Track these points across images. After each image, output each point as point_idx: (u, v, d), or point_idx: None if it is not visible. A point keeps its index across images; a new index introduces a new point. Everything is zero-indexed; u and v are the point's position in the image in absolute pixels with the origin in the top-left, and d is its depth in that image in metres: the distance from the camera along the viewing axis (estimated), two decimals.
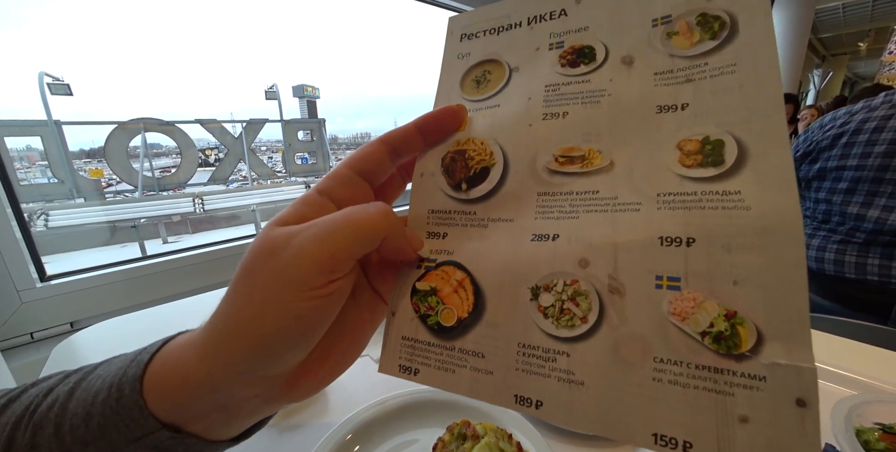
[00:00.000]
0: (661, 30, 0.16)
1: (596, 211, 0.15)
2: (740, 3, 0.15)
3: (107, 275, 0.73)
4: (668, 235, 0.14)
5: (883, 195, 0.79)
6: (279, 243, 0.14)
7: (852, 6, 5.17)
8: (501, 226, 0.17)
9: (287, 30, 53.57)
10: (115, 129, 3.87)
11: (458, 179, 0.18)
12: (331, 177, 0.17)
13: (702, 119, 0.15)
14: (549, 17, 0.19)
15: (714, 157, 0.14)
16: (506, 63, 0.19)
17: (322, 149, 4.92)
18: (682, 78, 0.15)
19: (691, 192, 0.14)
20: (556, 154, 0.17)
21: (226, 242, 0.90)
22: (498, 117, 0.18)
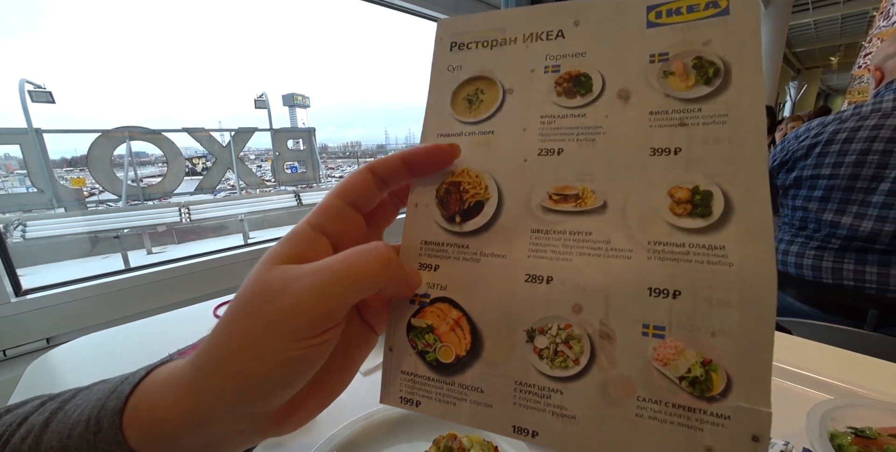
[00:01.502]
0: (658, 67, 0.16)
1: (589, 254, 0.16)
2: (734, 52, 0.15)
3: (86, 289, 0.71)
4: (657, 286, 0.15)
5: (855, 203, 0.82)
6: (276, 289, 0.14)
7: (823, 22, 5.42)
8: (495, 263, 0.17)
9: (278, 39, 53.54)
10: (99, 138, 3.80)
11: (453, 212, 0.18)
12: (322, 211, 0.17)
13: (693, 167, 0.15)
14: (546, 37, 0.18)
15: (703, 209, 0.15)
16: (499, 83, 0.19)
17: (312, 157, 4.90)
18: (677, 121, 0.16)
19: (680, 244, 0.15)
20: (551, 191, 0.17)
21: (211, 254, 0.89)
22: (493, 148, 0.18)
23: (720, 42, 0.16)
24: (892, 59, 0.87)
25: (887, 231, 0.78)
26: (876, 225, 0.78)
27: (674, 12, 0.16)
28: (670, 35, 0.16)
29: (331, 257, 0.15)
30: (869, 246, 0.81)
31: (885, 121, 0.80)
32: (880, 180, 0.79)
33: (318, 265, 0.15)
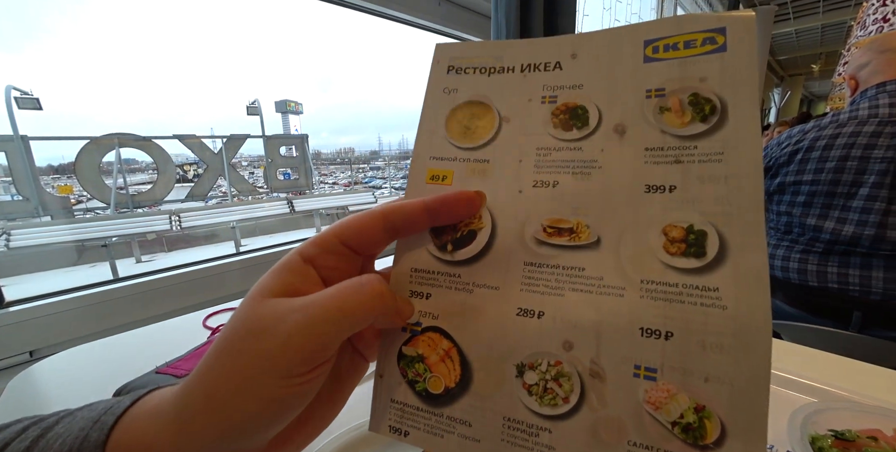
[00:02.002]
0: (654, 102, 0.16)
1: (581, 291, 0.16)
2: (730, 89, 0.15)
3: (71, 300, 0.70)
4: (649, 327, 0.15)
5: (836, 208, 0.84)
6: (266, 324, 0.14)
7: (804, 31, 5.58)
8: (487, 294, 0.17)
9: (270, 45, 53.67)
10: (88, 144, 3.76)
11: (445, 240, 0.18)
12: (317, 244, 0.17)
13: (688, 205, 0.15)
14: (544, 68, 0.18)
15: (697, 248, 0.15)
16: (496, 110, 0.19)
17: (305, 164, 4.88)
18: (672, 158, 0.16)
19: (673, 284, 0.15)
20: (545, 224, 0.17)
21: (201, 263, 0.88)
22: (488, 177, 0.18)
23: (717, 79, 0.15)
24: (866, 69, 0.90)
25: (867, 234, 0.80)
26: (857, 229, 0.80)
27: (671, 47, 0.16)
28: (667, 70, 0.16)
29: (322, 291, 0.15)
30: (851, 249, 0.83)
31: (862, 129, 0.82)
32: (859, 185, 0.81)
33: (310, 300, 0.15)
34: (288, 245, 1.04)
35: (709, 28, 0.16)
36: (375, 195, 4.65)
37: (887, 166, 0.78)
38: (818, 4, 4.57)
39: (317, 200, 4.48)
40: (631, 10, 2.39)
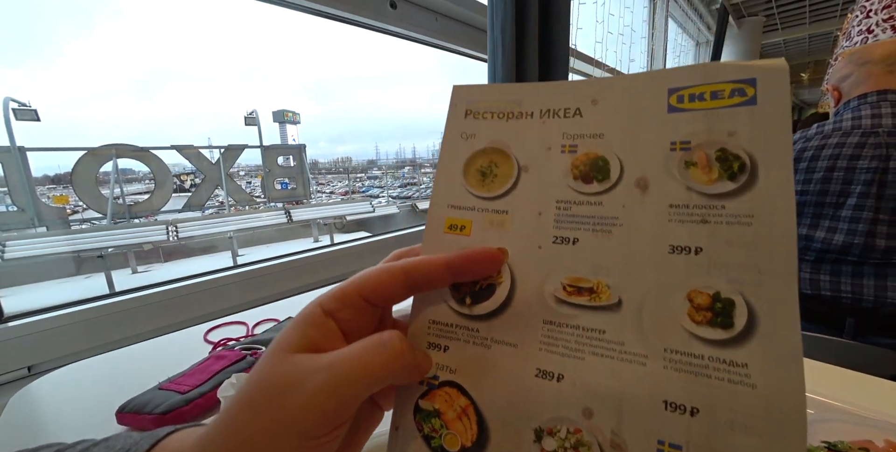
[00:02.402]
0: (679, 156, 0.16)
1: (602, 355, 0.15)
2: (761, 146, 0.14)
3: (70, 315, 0.70)
4: (673, 401, 0.14)
5: (826, 217, 0.86)
6: (289, 383, 0.14)
7: (793, 41, 5.72)
8: (505, 352, 0.17)
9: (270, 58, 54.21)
10: (85, 155, 3.76)
11: (464, 293, 0.18)
12: (338, 298, 0.17)
13: (715, 270, 0.14)
14: (564, 115, 0.18)
15: (724, 318, 0.14)
16: (514, 158, 0.18)
17: (303, 174, 4.90)
18: (698, 217, 0.15)
19: (699, 356, 0.14)
20: (565, 282, 0.16)
21: (200, 276, 0.88)
22: (507, 230, 0.18)
23: (746, 134, 0.15)
24: (848, 80, 0.93)
25: (857, 243, 0.81)
26: (847, 238, 0.82)
27: (696, 97, 0.15)
28: (693, 122, 0.15)
29: (344, 350, 0.15)
30: (842, 257, 0.84)
31: (847, 140, 0.85)
32: (847, 195, 0.83)
33: (333, 359, 0.15)
34: (287, 257, 1.05)
35: (737, 78, 0.15)
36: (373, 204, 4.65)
37: (872, 176, 0.80)
38: (804, 16, 4.69)
39: (314, 210, 4.48)
40: (623, 23, 2.44)
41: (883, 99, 0.84)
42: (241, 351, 0.49)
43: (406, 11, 1.13)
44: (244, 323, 0.64)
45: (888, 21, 1.39)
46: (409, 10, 1.15)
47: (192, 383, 0.43)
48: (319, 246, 1.15)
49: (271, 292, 0.97)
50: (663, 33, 3.26)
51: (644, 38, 3.00)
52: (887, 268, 0.80)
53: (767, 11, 4.46)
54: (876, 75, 0.87)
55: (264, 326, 0.63)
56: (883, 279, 0.80)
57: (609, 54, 2.25)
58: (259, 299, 0.94)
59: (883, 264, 0.80)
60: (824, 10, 4.54)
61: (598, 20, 2.14)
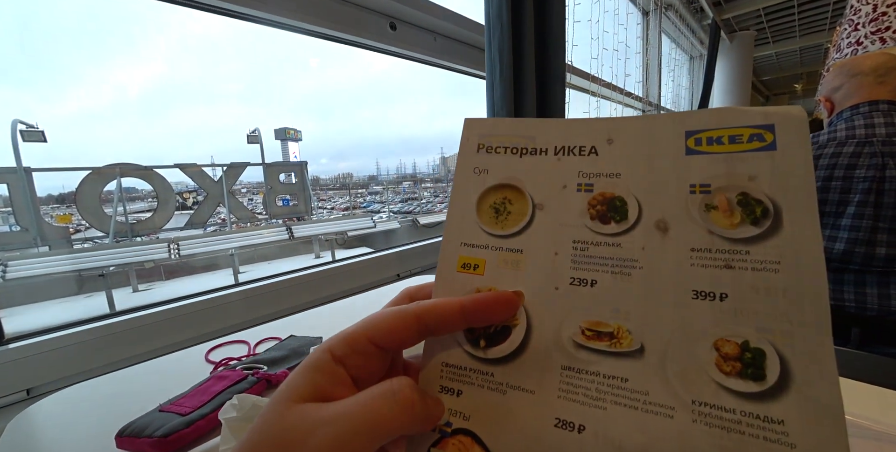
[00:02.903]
0: (699, 198, 0.15)
1: (625, 405, 0.14)
2: (784, 192, 0.14)
3: (69, 336, 0.69)
4: None
5: (826, 226, 0.86)
6: (294, 438, 0.14)
7: (784, 54, 5.84)
8: (522, 398, 0.16)
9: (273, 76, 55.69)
10: (90, 175, 3.81)
11: (478, 334, 0.17)
12: (348, 344, 0.16)
13: (742, 318, 0.14)
14: (579, 153, 0.18)
15: (754, 370, 0.13)
16: (529, 196, 0.18)
17: (304, 192, 4.94)
18: (722, 262, 0.15)
19: (730, 410, 0.13)
20: (584, 326, 0.16)
21: (201, 295, 0.88)
22: (522, 270, 0.17)
23: (767, 180, 0.15)
24: (839, 92, 0.94)
25: (858, 252, 0.81)
26: (847, 246, 0.82)
27: (714, 141, 0.15)
28: (712, 165, 0.15)
29: (351, 400, 0.15)
30: (844, 266, 0.84)
31: (842, 149, 0.86)
32: (846, 204, 0.83)
33: (340, 411, 0.14)
34: (289, 274, 1.05)
35: (756, 124, 0.15)
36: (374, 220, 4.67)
37: (870, 185, 0.80)
38: (794, 29, 4.80)
39: (315, 226, 4.50)
40: (618, 39, 2.51)
41: (875, 109, 0.86)
42: (242, 371, 0.49)
43: (405, 32, 1.17)
44: (246, 341, 0.63)
45: (876, 33, 1.43)
46: (409, 31, 1.18)
47: (193, 404, 0.42)
48: (321, 262, 1.15)
49: (273, 310, 0.97)
50: (657, 48, 3.34)
51: (638, 53, 3.07)
52: (889, 277, 0.79)
53: (758, 25, 4.57)
54: (867, 86, 0.88)
55: (266, 345, 0.62)
56: (886, 287, 0.79)
57: (605, 69, 2.30)
58: (261, 317, 0.93)
59: (885, 272, 0.80)
60: (813, 24, 4.65)
61: (592, 37, 2.20)
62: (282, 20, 0.93)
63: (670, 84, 3.80)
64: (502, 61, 1.07)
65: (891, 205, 0.79)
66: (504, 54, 1.07)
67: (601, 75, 2.25)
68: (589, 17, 2.13)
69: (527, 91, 1.13)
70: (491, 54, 1.09)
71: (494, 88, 1.09)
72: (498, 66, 1.08)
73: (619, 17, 2.52)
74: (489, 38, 1.08)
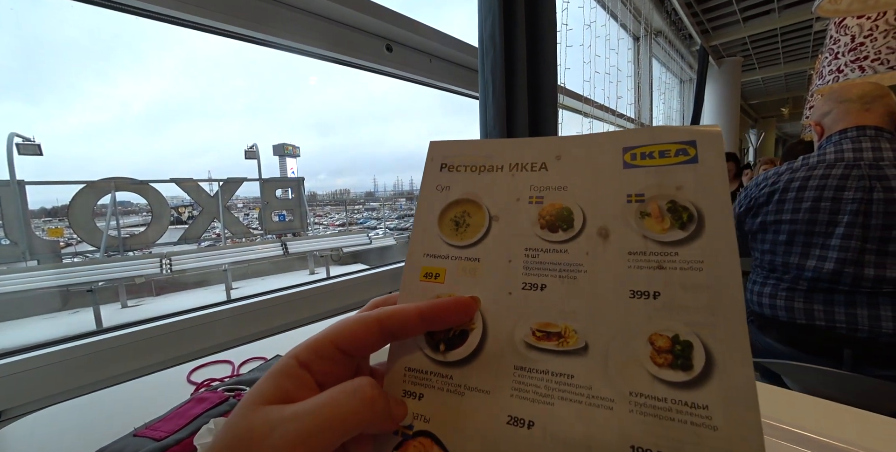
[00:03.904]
0: (635, 207, 0.17)
1: (570, 400, 0.16)
2: (705, 200, 0.16)
3: (48, 355, 0.67)
4: (640, 445, 0.14)
5: (816, 246, 0.87)
6: (257, 436, 0.14)
7: (770, 79, 6.05)
8: (478, 398, 0.17)
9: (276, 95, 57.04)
10: (84, 189, 3.80)
11: (438, 339, 0.18)
12: (313, 350, 0.17)
13: (673, 314, 0.15)
14: (531, 168, 0.19)
15: (683, 360, 0.15)
16: (486, 209, 0.19)
17: (300, 207, 4.94)
18: (655, 263, 0.16)
19: (662, 398, 0.14)
20: (534, 328, 0.17)
21: (188, 312, 0.86)
22: (478, 277, 0.19)
23: (691, 189, 0.16)
24: (828, 116, 0.98)
25: (847, 272, 0.82)
26: (836, 266, 0.83)
27: (647, 156, 0.17)
28: (646, 177, 0.17)
29: (314, 399, 0.15)
30: (834, 287, 0.84)
31: (831, 171, 0.87)
32: (835, 225, 0.84)
33: (301, 409, 0.15)
34: (282, 291, 1.03)
35: (680, 140, 0.17)
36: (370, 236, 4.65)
37: (858, 206, 0.82)
38: (778, 57, 5.00)
39: (311, 242, 4.48)
40: (609, 63, 2.59)
41: (862, 134, 0.89)
42: (223, 393, 0.47)
43: (401, 54, 1.20)
44: (230, 361, 0.62)
45: (855, 62, 1.49)
46: (405, 52, 1.22)
47: (169, 429, 0.40)
48: (315, 279, 1.14)
49: (265, 327, 0.95)
50: (648, 72, 3.45)
51: (630, 76, 3.17)
52: (879, 298, 0.80)
53: (745, 52, 4.76)
54: (854, 112, 0.92)
55: (251, 365, 0.61)
56: (875, 308, 0.79)
57: (597, 91, 2.37)
58: (252, 335, 0.91)
59: (874, 293, 0.80)
60: (797, 52, 4.85)
61: (585, 61, 2.27)
62: (282, 42, 0.96)
63: (661, 106, 3.90)
64: (495, 83, 1.10)
65: (878, 227, 0.80)
66: (497, 76, 1.10)
67: (594, 97, 2.31)
68: (581, 41, 2.21)
69: (519, 112, 1.16)
70: (484, 76, 1.12)
71: (487, 109, 1.12)
72: (491, 88, 1.11)
73: (611, 43, 2.61)
74: (482, 60, 1.11)
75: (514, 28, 1.13)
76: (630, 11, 2.97)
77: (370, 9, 1.04)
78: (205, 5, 0.80)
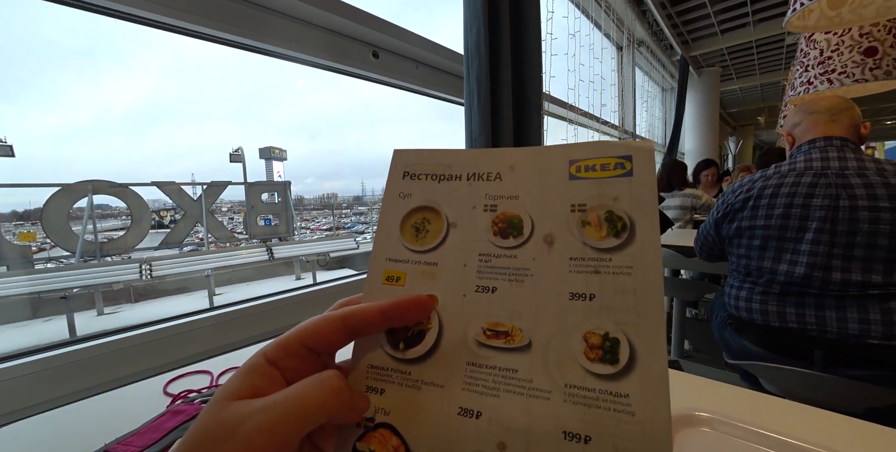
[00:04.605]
0: (577, 216, 0.19)
1: (514, 392, 0.17)
2: (637, 210, 0.18)
3: (15, 368, 0.64)
4: (571, 430, 0.16)
5: (788, 251, 0.90)
6: (228, 428, 0.15)
7: (747, 89, 6.28)
8: (433, 392, 0.18)
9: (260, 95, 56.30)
10: (59, 191, 3.66)
11: (398, 338, 0.19)
12: (281, 347, 0.18)
13: (605, 314, 0.17)
14: (487, 178, 0.21)
15: (611, 355, 0.16)
16: (445, 216, 0.21)
17: (287, 212, 4.87)
18: (591, 268, 0.18)
19: (591, 389, 0.16)
20: (485, 327, 0.19)
21: (169, 320, 0.84)
22: (436, 280, 0.20)
23: (626, 200, 0.18)
24: (798, 127, 1.02)
25: (816, 276, 0.85)
26: (807, 270, 0.86)
27: (590, 168, 0.19)
28: (588, 188, 0.19)
29: (283, 391, 0.16)
30: (805, 290, 0.87)
31: (801, 179, 0.91)
32: (805, 230, 0.88)
33: (270, 400, 0.15)
34: (268, 297, 1.02)
35: (619, 155, 0.19)
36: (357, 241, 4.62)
37: (826, 213, 0.85)
38: (754, 68, 5.19)
39: (297, 247, 4.42)
40: (593, 72, 2.65)
41: (829, 144, 0.93)
42: (200, 405, 0.46)
43: (387, 60, 1.21)
44: (209, 372, 0.60)
45: (824, 75, 1.56)
46: (391, 59, 1.22)
47: (141, 443, 0.39)
48: (301, 285, 1.12)
49: (248, 335, 0.93)
50: (631, 81, 3.54)
51: (614, 85, 3.24)
52: (846, 300, 0.83)
53: (723, 63, 4.92)
54: (822, 123, 0.97)
55: (230, 375, 0.60)
56: (843, 310, 0.83)
57: (581, 99, 2.41)
58: (234, 343, 0.89)
59: (841, 296, 0.83)
60: (771, 64, 5.05)
61: (569, 69, 2.32)
62: (269, 48, 0.95)
63: (644, 114, 4.00)
64: (480, 90, 1.12)
65: (844, 233, 0.83)
66: (482, 83, 1.11)
67: (578, 104, 2.35)
68: (566, 50, 2.26)
69: (504, 118, 1.17)
70: (469, 83, 1.13)
71: (473, 116, 1.13)
72: (476, 95, 1.12)
73: (595, 52, 2.67)
74: (468, 67, 1.13)
75: (499, 36, 1.15)
76: (613, 21, 3.05)
77: (356, 16, 1.05)
78: (192, 11, 0.79)
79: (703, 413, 0.43)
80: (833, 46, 1.52)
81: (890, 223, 0.79)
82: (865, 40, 1.45)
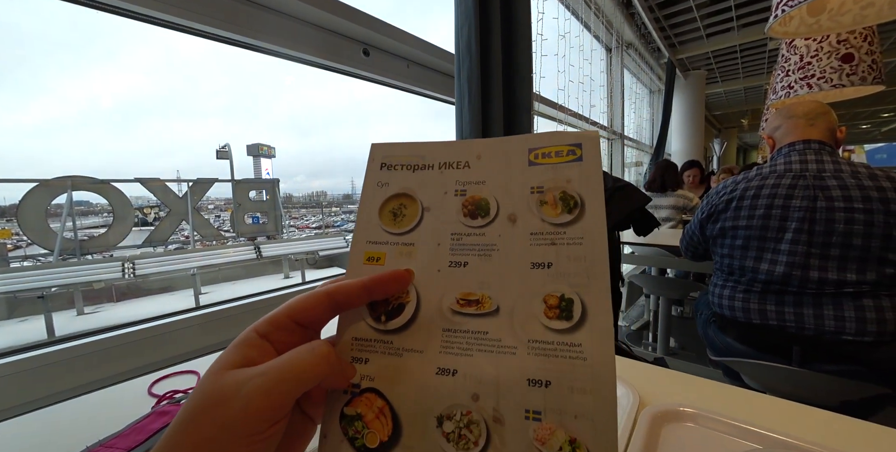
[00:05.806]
0: (536, 197, 0.21)
1: (485, 351, 0.19)
2: (586, 190, 0.21)
3: None
4: (533, 378, 0.18)
5: (768, 250, 0.93)
6: (227, 393, 0.16)
7: (732, 92, 6.42)
8: (413, 357, 0.20)
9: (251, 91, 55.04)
10: (36, 187, 3.54)
11: (380, 312, 0.21)
12: (271, 323, 0.19)
13: (561, 278, 0.19)
14: (457, 166, 0.23)
15: (567, 313, 0.19)
16: (419, 201, 0.23)
17: (275, 210, 4.80)
18: (549, 241, 0.20)
19: (550, 342, 0.19)
20: (458, 297, 0.21)
21: (153, 320, 0.83)
22: (413, 258, 0.22)
23: (577, 181, 0.21)
24: (778, 131, 1.05)
25: (795, 275, 0.88)
26: (786, 269, 0.89)
27: (546, 155, 0.22)
28: (545, 173, 0.21)
29: (276, 359, 0.17)
30: (784, 288, 0.90)
31: (780, 181, 0.94)
32: (784, 231, 0.90)
33: (265, 366, 0.17)
34: (255, 296, 1.00)
35: (571, 143, 0.21)
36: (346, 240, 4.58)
37: (804, 214, 0.88)
38: (738, 71, 5.31)
39: (285, 245, 4.36)
40: (583, 73, 2.67)
41: (808, 147, 0.96)
42: None
43: (378, 59, 1.20)
44: (195, 372, 0.59)
45: (804, 79, 1.60)
46: (382, 57, 1.22)
47: (126, 445, 0.39)
48: (289, 284, 1.11)
49: (236, 334, 0.91)
50: (620, 82, 3.58)
51: (602, 86, 3.28)
52: (822, 298, 0.86)
53: (708, 66, 5.03)
54: (800, 127, 1.00)
55: None
56: (819, 308, 0.86)
57: (571, 100, 2.43)
58: (220, 343, 0.88)
59: (818, 294, 0.86)
60: (753, 68, 5.17)
61: (559, 70, 2.34)
62: (259, 44, 0.94)
63: (632, 115, 4.05)
64: (471, 90, 1.12)
65: (821, 233, 0.86)
66: (473, 83, 1.12)
67: (568, 105, 2.38)
68: (556, 51, 2.27)
69: (494, 118, 1.18)
70: (460, 83, 1.13)
71: (463, 115, 1.13)
72: (467, 94, 1.12)
73: (584, 53, 2.70)
74: (458, 67, 1.13)
75: (489, 37, 1.16)
76: (603, 23, 3.08)
77: (347, 13, 1.04)
78: (183, 6, 0.78)
79: (688, 409, 0.44)
80: (812, 52, 1.56)
81: (863, 223, 0.82)
82: (843, 47, 1.50)
